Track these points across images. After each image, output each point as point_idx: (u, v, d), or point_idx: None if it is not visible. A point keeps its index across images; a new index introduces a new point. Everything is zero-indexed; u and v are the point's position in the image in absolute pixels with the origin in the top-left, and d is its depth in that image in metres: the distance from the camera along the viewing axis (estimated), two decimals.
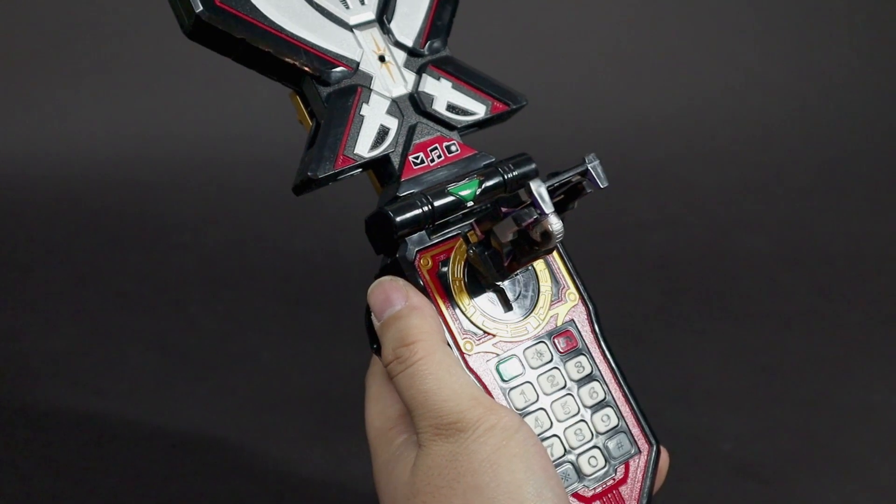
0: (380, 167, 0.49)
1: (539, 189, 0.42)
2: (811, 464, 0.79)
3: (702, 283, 1.07)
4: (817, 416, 0.85)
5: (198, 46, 0.48)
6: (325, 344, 0.93)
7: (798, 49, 1.54)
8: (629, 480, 0.47)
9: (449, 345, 0.45)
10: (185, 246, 1.13)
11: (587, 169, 0.43)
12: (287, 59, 0.47)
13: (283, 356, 0.92)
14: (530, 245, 0.44)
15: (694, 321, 1.00)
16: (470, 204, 0.47)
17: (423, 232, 0.47)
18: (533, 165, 0.49)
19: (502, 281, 0.47)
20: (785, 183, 1.31)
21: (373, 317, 0.46)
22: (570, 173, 0.43)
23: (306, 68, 0.48)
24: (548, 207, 0.42)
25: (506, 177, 0.48)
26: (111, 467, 0.77)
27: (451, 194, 0.47)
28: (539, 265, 0.49)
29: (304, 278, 1.07)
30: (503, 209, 0.43)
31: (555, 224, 0.42)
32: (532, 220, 0.42)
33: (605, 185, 0.43)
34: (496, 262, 0.45)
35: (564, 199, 0.44)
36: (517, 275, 0.48)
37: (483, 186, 0.47)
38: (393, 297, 0.45)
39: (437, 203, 0.46)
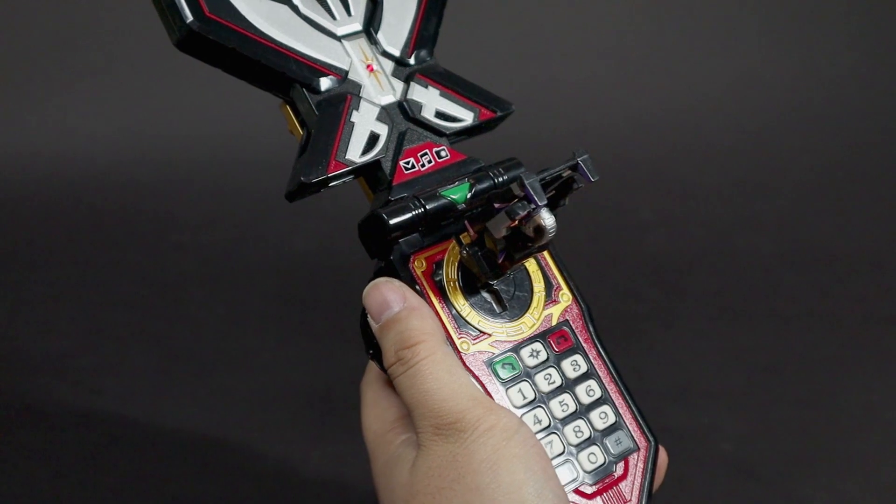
0: (371, 173, 0.49)
1: (531, 181, 0.42)
2: (811, 464, 0.79)
3: (702, 283, 1.07)
4: (817, 416, 0.85)
5: None
6: (325, 344, 0.93)
7: (798, 49, 1.54)
8: (629, 477, 0.47)
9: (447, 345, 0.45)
10: (185, 246, 1.13)
11: (577, 163, 0.44)
12: (276, 69, 0.48)
13: (283, 356, 0.92)
14: (524, 241, 0.44)
15: (694, 321, 1.00)
16: (461, 206, 0.47)
17: (416, 234, 0.47)
18: (522, 169, 0.50)
19: (496, 280, 0.47)
20: (785, 183, 1.31)
21: (370, 319, 0.46)
22: (561, 167, 0.44)
23: (296, 77, 0.48)
24: (541, 199, 0.42)
25: (496, 180, 0.49)
26: (111, 467, 0.77)
27: (443, 197, 0.47)
28: (531, 266, 0.49)
29: (304, 278, 1.07)
30: (496, 205, 0.44)
31: (547, 219, 0.42)
32: (525, 213, 0.42)
33: (596, 178, 0.44)
34: (490, 261, 0.46)
35: (556, 196, 0.45)
36: (510, 275, 0.48)
37: (474, 190, 0.48)
38: (390, 298, 0.45)
39: (429, 206, 0.47)
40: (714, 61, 1.51)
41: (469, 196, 0.47)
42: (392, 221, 0.46)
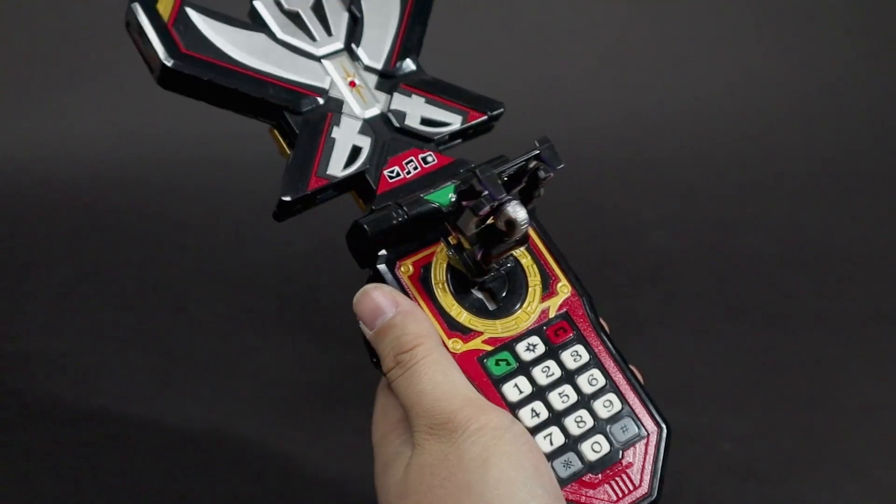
0: (360, 185, 0.50)
1: (487, 174, 0.42)
2: (811, 464, 0.79)
3: (702, 283, 1.07)
4: (817, 416, 0.85)
5: None
6: (324, 343, 0.93)
7: (798, 48, 1.54)
8: (638, 462, 0.48)
9: None
10: (185, 246, 1.13)
11: (539, 153, 0.44)
12: (254, 95, 0.49)
13: (283, 356, 0.92)
14: (499, 236, 0.44)
15: (694, 321, 1.00)
16: (447, 209, 0.48)
17: (404, 240, 0.47)
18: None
19: (484, 278, 0.48)
20: (785, 183, 1.31)
21: (362, 326, 0.46)
22: (521, 159, 0.44)
23: (275, 101, 0.49)
24: (498, 191, 0.42)
25: None
26: (111, 467, 0.77)
27: (427, 202, 0.47)
28: (525, 261, 0.50)
29: (304, 278, 1.07)
30: (463, 203, 0.44)
31: (518, 212, 0.43)
32: (489, 208, 0.43)
33: (561, 165, 0.44)
34: (473, 259, 0.46)
35: (528, 187, 0.45)
36: (503, 271, 0.49)
37: (458, 192, 0.48)
38: (382, 303, 0.46)
39: (411, 212, 0.47)
40: (714, 61, 1.51)
41: (453, 199, 0.48)
42: (372, 230, 0.46)
